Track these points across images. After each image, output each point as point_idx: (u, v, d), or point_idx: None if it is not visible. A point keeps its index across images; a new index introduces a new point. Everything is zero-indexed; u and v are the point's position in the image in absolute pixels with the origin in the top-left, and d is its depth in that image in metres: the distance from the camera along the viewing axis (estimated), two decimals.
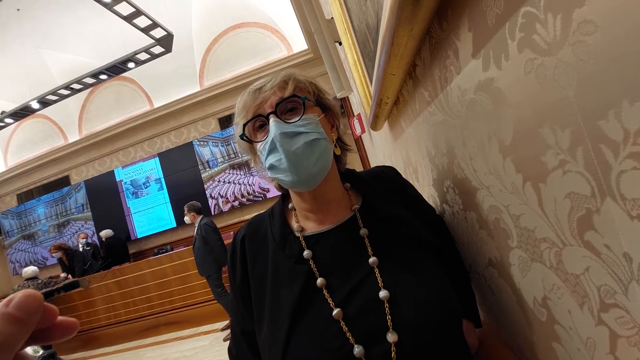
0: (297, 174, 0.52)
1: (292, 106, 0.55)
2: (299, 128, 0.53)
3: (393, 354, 0.45)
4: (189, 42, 5.50)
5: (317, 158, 0.53)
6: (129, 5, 3.45)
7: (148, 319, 4.28)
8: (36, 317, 0.20)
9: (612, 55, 0.22)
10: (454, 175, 0.59)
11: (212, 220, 3.74)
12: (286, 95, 0.54)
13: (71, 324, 0.22)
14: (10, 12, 4.50)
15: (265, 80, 0.57)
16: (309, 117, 0.54)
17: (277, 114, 0.53)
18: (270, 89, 0.55)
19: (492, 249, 0.52)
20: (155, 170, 6.15)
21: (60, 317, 0.22)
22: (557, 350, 0.41)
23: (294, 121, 0.53)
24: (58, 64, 5.54)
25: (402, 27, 0.44)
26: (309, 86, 0.58)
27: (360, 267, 0.52)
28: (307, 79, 0.59)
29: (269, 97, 0.55)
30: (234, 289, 0.60)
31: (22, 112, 4.95)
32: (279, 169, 0.53)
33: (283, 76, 0.56)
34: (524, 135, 0.34)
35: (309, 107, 0.56)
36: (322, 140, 0.54)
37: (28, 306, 0.20)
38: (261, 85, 0.56)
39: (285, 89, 0.55)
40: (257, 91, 0.56)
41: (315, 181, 0.54)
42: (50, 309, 0.21)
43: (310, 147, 0.52)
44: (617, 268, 0.26)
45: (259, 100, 0.55)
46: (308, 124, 0.53)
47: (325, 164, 0.54)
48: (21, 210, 6.79)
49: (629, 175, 0.23)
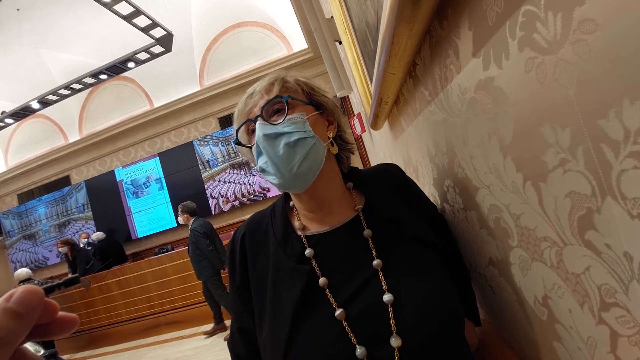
0: (282, 176, 0.52)
1: (277, 107, 0.55)
2: (281, 128, 0.52)
3: (396, 358, 0.44)
4: (188, 41, 5.49)
5: (303, 158, 0.51)
6: (129, 4, 3.45)
7: (149, 318, 4.28)
8: (37, 313, 0.20)
9: (612, 54, 0.22)
10: (455, 175, 0.59)
11: (205, 221, 3.61)
12: (271, 97, 0.54)
13: (72, 319, 0.22)
14: (10, 12, 4.50)
15: (255, 85, 0.58)
16: (293, 117, 0.53)
17: (264, 116, 0.53)
18: (259, 93, 0.56)
19: (493, 248, 0.52)
20: (155, 170, 6.16)
21: (61, 313, 0.22)
22: (558, 350, 0.41)
23: (278, 122, 0.53)
24: (58, 64, 5.53)
25: (402, 26, 0.44)
26: (296, 85, 0.57)
27: (363, 268, 0.51)
28: (296, 78, 0.58)
29: (257, 101, 0.55)
30: (233, 287, 0.60)
31: (23, 112, 4.95)
32: (267, 172, 0.54)
33: (270, 79, 0.57)
34: (525, 134, 0.34)
35: (296, 106, 0.55)
36: (309, 139, 0.53)
37: (29, 301, 0.20)
38: (252, 91, 0.57)
39: (272, 91, 0.55)
40: (249, 97, 0.57)
41: (306, 181, 0.53)
42: (50, 304, 0.21)
43: (293, 148, 0.51)
44: (617, 267, 0.26)
45: (249, 106, 0.56)
46: (293, 124, 0.53)
47: (314, 163, 0.53)
48: (22, 210, 6.80)
49: (630, 174, 0.23)
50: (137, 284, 4.33)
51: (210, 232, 3.55)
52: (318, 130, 0.55)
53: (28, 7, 4.51)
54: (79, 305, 4.55)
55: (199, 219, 3.57)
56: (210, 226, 3.61)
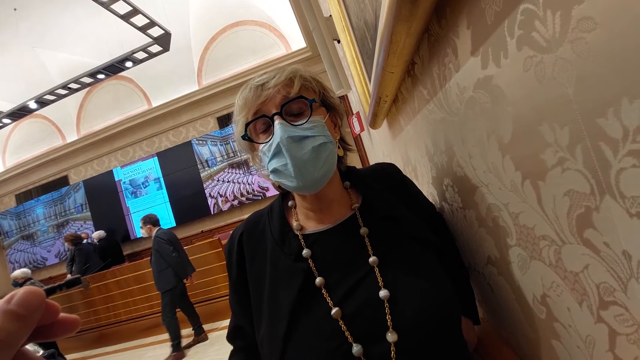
0: (303, 180, 0.50)
1: (297, 106, 0.52)
2: (305, 132, 0.50)
3: (392, 353, 0.45)
4: (186, 40, 5.48)
5: (323, 163, 0.51)
6: (126, 4, 3.44)
7: (148, 318, 4.28)
8: (38, 314, 0.20)
9: (611, 53, 0.21)
10: (453, 173, 0.59)
11: (168, 231, 3.51)
12: (292, 95, 0.51)
13: (73, 320, 0.22)
14: (7, 11, 4.48)
15: (268, 76, 0.53)
16: (315, 120, 0.52)
17: (282, 115, 0.51)
18: (275, 87, 0.51)
19: (491, 246, 0.52)
20: (154, 170, 6.15)
21: (63, 314, 0.22)
22: (557, 348, 0.41)
23: (300, 124, 0.51)
24: (55, 64, 5.51)
25: (400, 25, 0.43)
26: (315, 85, 0.55)
27: (360, 266, 0.51)
28: (312, 76, 0.56)
29: (273, 95, 0.51)
30: (231, 286, 0.61)
31: (20, 112, 4.94)
32: (283, 174, 0.51)
33: (288, 73, 0.53)
34: (523, 133, 0.34)
35: (315, 109, 0.54)
36: (329, 143, 0.52)
37: (30, 303, 0.19)
38: (264, 82, 0.52)
39: (291, 87, 0.52)
40: (260, 88, 0.52)
41: (320, 185, 0.53)
42: (52, 306, 0.21)
43: (317, 152, 0.50)
44: (616, 266, 0.26)
45: (262, 99, 0.51)
46: (314, 127, 0.51)
47: (330, 168, 0.53)
48: (20, 210, 6.78)
49: (629, 173, 0.23)
50: (137, 284, 4.32)
51: (175, 240, 3.44)
52: (331, 133, 0.55)
53: (25, 6, 4.49)
54: (79, 305, 4.54)
55: (162, 229, 3.48)
56: (174, 235, 3.51)
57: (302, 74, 0.54)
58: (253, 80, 0.54)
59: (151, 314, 4.28)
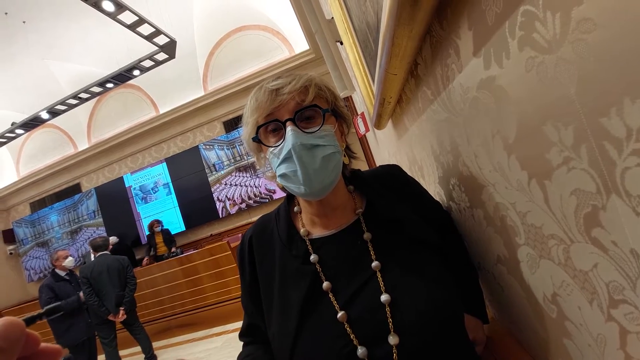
0: (310, 188, 0.51)
1: (310, 114, 0.53)
2: (317, 140, 0.51)
3: (395, 355, 0.45)
4: (191, 47, 5.55)
5: (331, 172, 0.52)
6: (132, 14, 3.50)
7: (160, 321, 4.33)
8: (19, 346, 0.19)
9: (611, 53, 0.22)
10: (460, 173, 0.59)
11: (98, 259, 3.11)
12: (307, 102, 0.52)
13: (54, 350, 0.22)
14: (17, 24, 4.59)
15: (283, 82, 0.53)
16: (327, 129, 0.53)
17: (295, 121, 0.52)
18: (290, 93, 0.52)
19: (500, 246, 0.52)
20: (163, 175, 6.23)
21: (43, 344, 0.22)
22: (568, 346, 0.41)
23: (313, 131, 0.51)
24: (65, 74, 5.64)
25: (401, 27, 0.44)
26: (328, 95, 0.56)
27: (363, 270, 0.52)
28: (326, 85, 0.57)
29: (287, 101, 0.52)
30: (245, 287, 0.63)
31: (32, 123, 5.06)
32: (291, 179, 0.52)
33: (304, 81, 0.53)
34: (528, 133, 0.34)
35: (327, 118, 0.54)
36: (337, 153, 0.53)
37: (10, 335, 0.19)
38: (279, 86, 0.53)
39: (306, 95, 0.53)
40: (274, 92, 0.52)
41: (325, 192, 0.53)
42: (32, 337, 0.21)
43: (326, 162, 0.51)
44: (624, 264, 0.26)
45: (276, 103, 0.52)
46: (325, 136, 0.52)
47: (337, 176, 0.54)
48: (34, 218, 6.94)
49: (633, 172, 0.23)
50: (148, 288, 4.38)
51: (106, 272, 2.98)
52: (339, 143, 0.56)
53: (34, 19, 4.60)
54: None
55: (103, 255, 3.11)
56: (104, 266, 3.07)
57: (317, 82, 0.55)
58: (267, 83, 0.54)
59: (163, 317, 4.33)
